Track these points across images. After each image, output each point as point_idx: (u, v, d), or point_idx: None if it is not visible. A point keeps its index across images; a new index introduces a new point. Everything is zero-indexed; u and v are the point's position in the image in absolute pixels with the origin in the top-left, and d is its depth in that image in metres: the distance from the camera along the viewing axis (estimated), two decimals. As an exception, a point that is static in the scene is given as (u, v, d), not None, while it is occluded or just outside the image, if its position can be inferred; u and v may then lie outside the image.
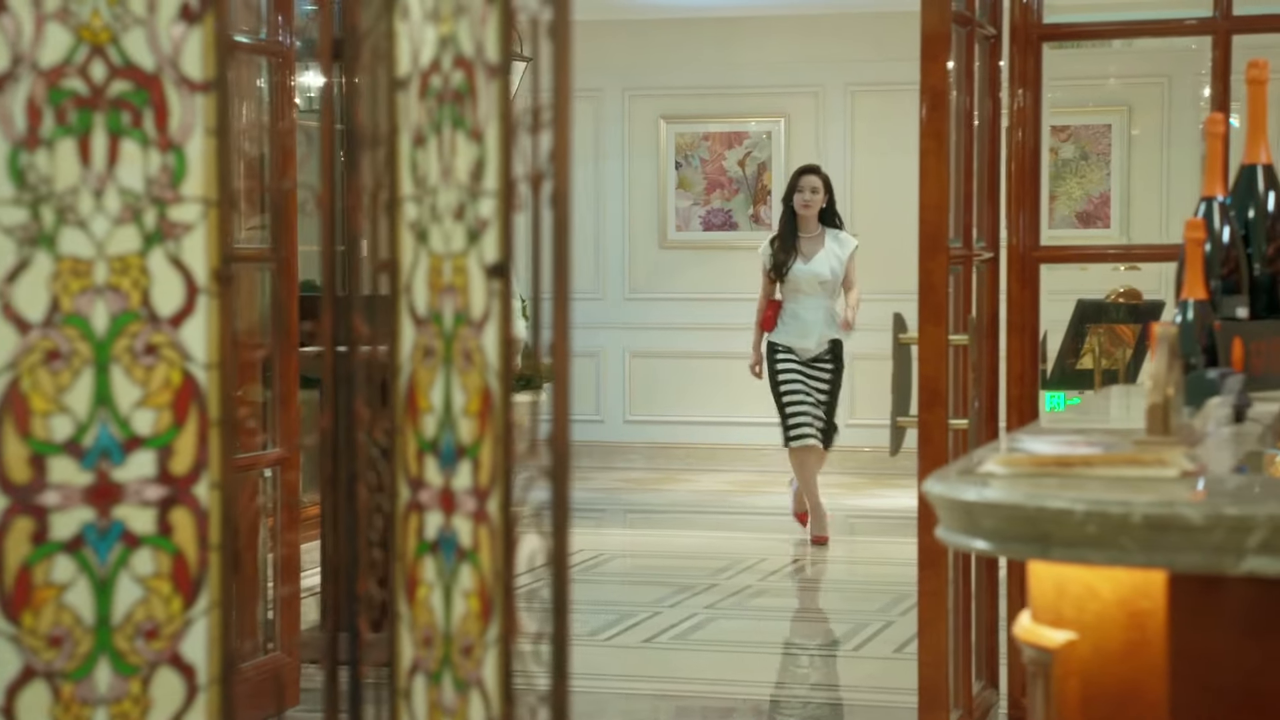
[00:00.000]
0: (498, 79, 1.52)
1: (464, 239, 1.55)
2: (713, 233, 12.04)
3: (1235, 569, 1.85)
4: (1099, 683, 2.00)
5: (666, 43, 11.86)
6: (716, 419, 11.95)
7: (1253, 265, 3.25)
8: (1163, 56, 10.82)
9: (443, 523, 1.57)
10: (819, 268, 8.48)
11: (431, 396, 1.58)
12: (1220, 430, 2.56)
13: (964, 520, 2.01)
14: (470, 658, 1.56)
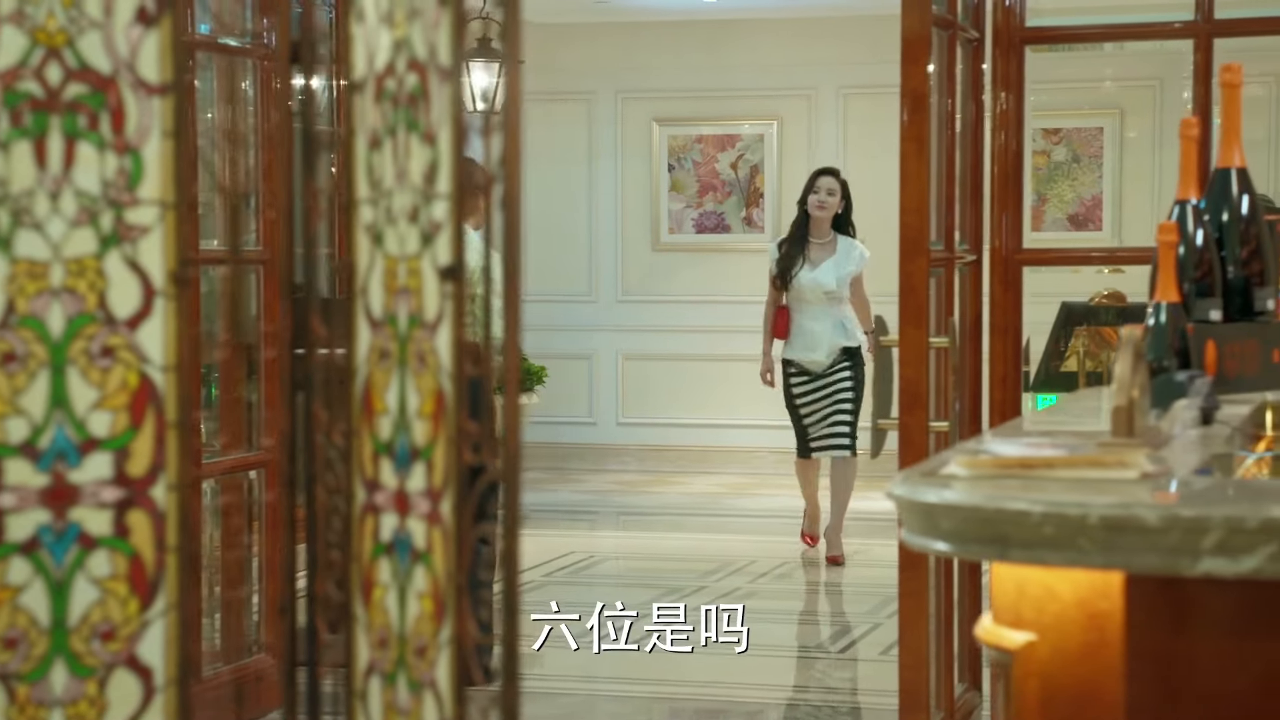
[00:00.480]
0: (450, 82, 1.53)
1: (418, 241, 1.56)
2: (705, 235, 12.05)
3: (1191, 570, 1.86)
4: (1058, 683, 2.01)
5: (659, 45, 11.87)
6: (709, 421, 11.96)
7: (1226, 268, 3.26)
8: (1155, 59, 10.83)
9: (398, 524, 1.58)
10: (825, 277, 8.07)
11: (387, 398, 1.59)
12: (1187, 432, 2.56)
13: (925, 522, 2.02)
14: (424, 659, 1.57)
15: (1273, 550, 1.83)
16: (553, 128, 12.02)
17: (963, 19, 4.67)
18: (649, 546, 8.91)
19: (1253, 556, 1.83)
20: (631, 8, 11.35)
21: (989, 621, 2.12)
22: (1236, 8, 4.94)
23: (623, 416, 12.17)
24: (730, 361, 11.67)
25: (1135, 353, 2.37)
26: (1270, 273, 3.26)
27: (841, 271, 8.08)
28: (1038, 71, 11.05)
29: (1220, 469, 2.50)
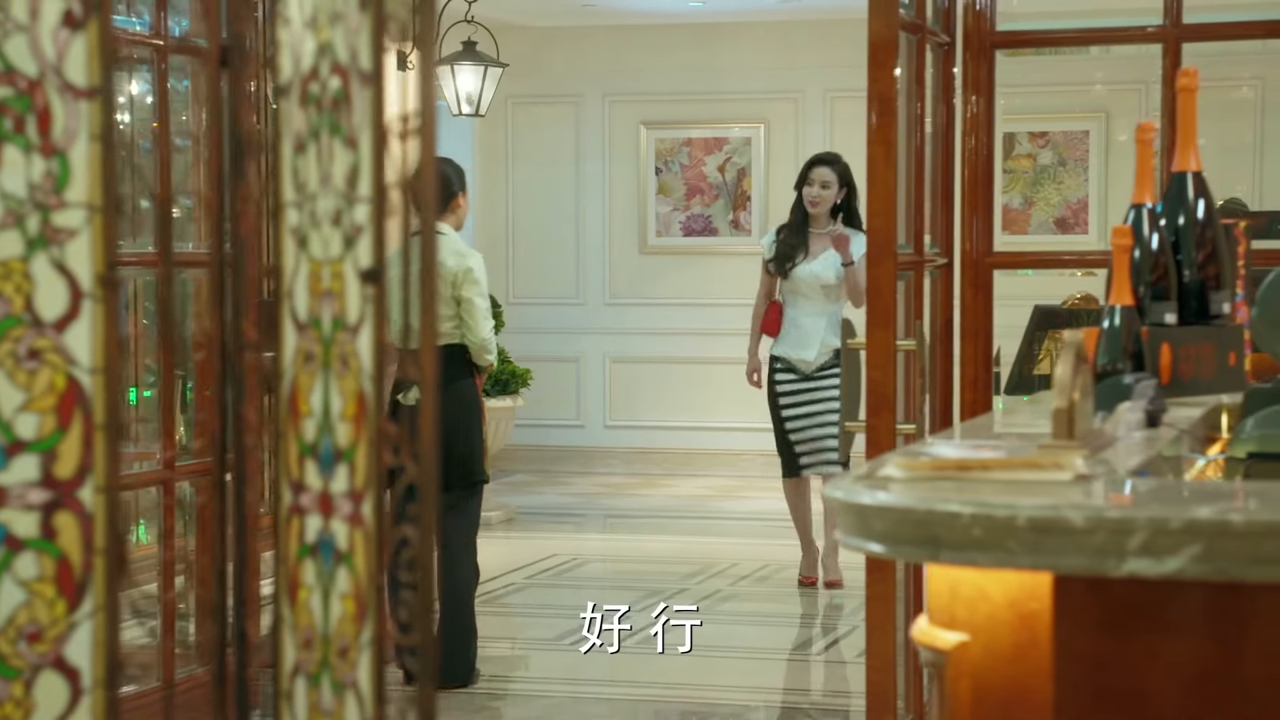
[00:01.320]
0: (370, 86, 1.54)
1: (340, 245, 1.57)
2: (693, 238, 12.06)
3: (1116, 571, 1.87)
4: (989, 684, 2.02)
5: (647, 48, 11.89)
6: (696, 424, 11.97)
7: (1182, 272, 3.27)
8: (1140, 63, 10.85)
9: (322, 526, 1.60)
10: (823, 269, 7.45)
11: (312, 401, 1.60)
12: (1131, 434, 2.58)
13: (859, 523, 2.03)
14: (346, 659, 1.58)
15: (1196, 551, 1.84)
16: (540, 130, 12.04)
17: (933, 23, 4.68)
18: (633, 549, 8.92)
19: (1176, 557, 1.85)
20: (619, 10, 11.37)
21: (925, 623, 2.14)
22: (1209, 11, 4.96)
23: (610, 419, 12.18)
24: (718, 364, 11.69)
25: (1076, 356, 2.38)
26: (1226, 276, 3.27)
27: (833, 266, 7.46)
28: (1023, 75, 11.10)
29: (1164, 471, 2.51)
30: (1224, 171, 10.72)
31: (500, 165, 12.06)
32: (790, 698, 5.91)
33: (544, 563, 8.24)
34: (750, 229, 11.93)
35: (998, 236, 4.94)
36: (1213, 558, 1.84)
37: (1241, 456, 2.91)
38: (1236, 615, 1.89)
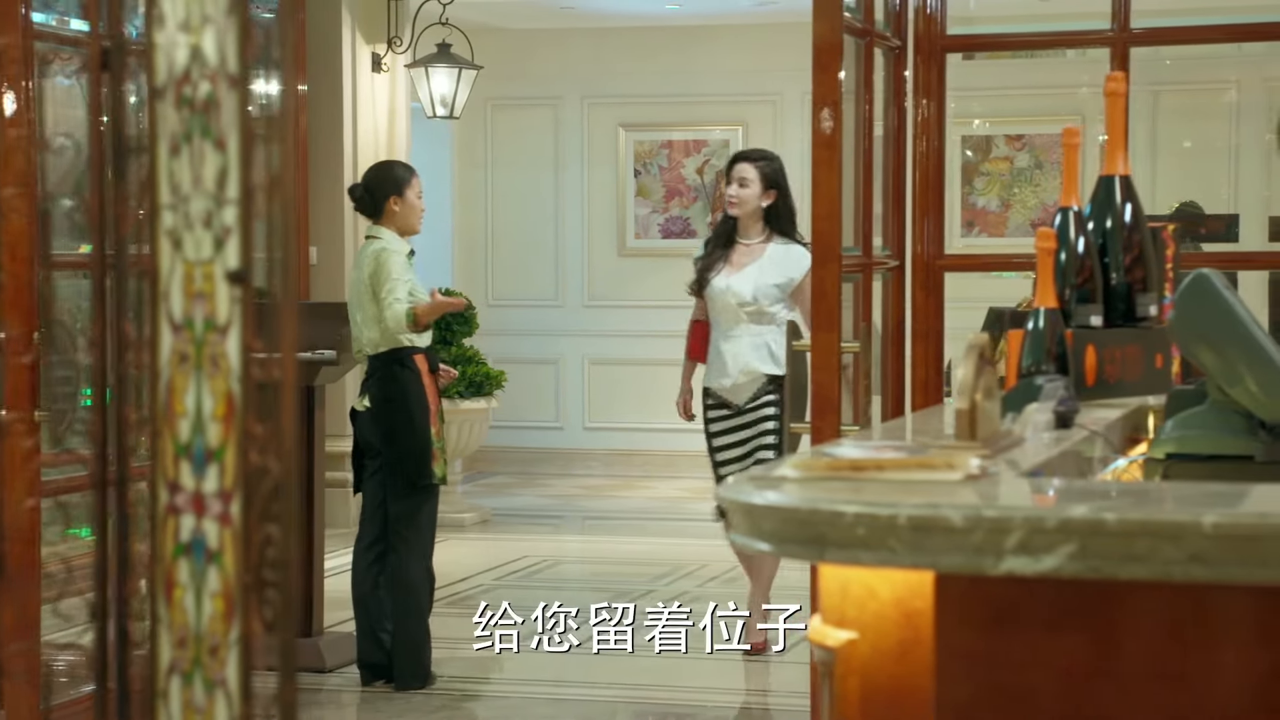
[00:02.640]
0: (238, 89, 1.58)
1: (211, 246, 1.60)
2: (671, 240, 12.10)
3: (995, 569, 1.90)
4: (876, 682, 2.05)
5: (625, 51, 11.92)
6: (675, 426, 11.98)
7: (1110, 274, 3.31)
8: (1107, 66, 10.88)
9: (195, 525, 1.62)
10: (740, 285, 6.31)
11: (186, 401, 1.63)
12: (1040, 436, 2.61)
13: (748, 523, 2.06)
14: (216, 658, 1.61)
15: (1071, 550, 1.87)
16: (519, 133, 12.07)
17: (884, 26, 4.72)
18: (606, 551, 8.96)
19: (1052, 556, 1.88)
20: (597, 13, 11.40)
21: (817, 622, 2.17)
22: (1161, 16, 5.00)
23: (589, 421, 12.22)
24: (696, 366, 11.70)
25: (980, 356, 2.41)
26: (1153, 279, 3.30)
27: (764, 281, 6.31)
28: (1001, 78, 11.14)
29: (1069, 472, 2.54)
30: (1200, 175, 10.77)
31: (479, 168, 12.10)
32: (750, 699, 5.94)
33: (515, 564, 8.27)
34: (729, 231, 11.96)
35: (954, 239, 4.99)
36: (1087, 556, 1.87)
37: (1160, 457, 2.95)
38: (1111, 612, 1.92)
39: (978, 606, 1.96)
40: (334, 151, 9.08)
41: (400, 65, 9.52)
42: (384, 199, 5.88)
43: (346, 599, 7.34)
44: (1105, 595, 1.91)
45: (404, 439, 5.77)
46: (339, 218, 9.10)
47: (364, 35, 9.27)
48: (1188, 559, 1.84)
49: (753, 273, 6.33)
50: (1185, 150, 11.11)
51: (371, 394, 5.75)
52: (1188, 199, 8.66)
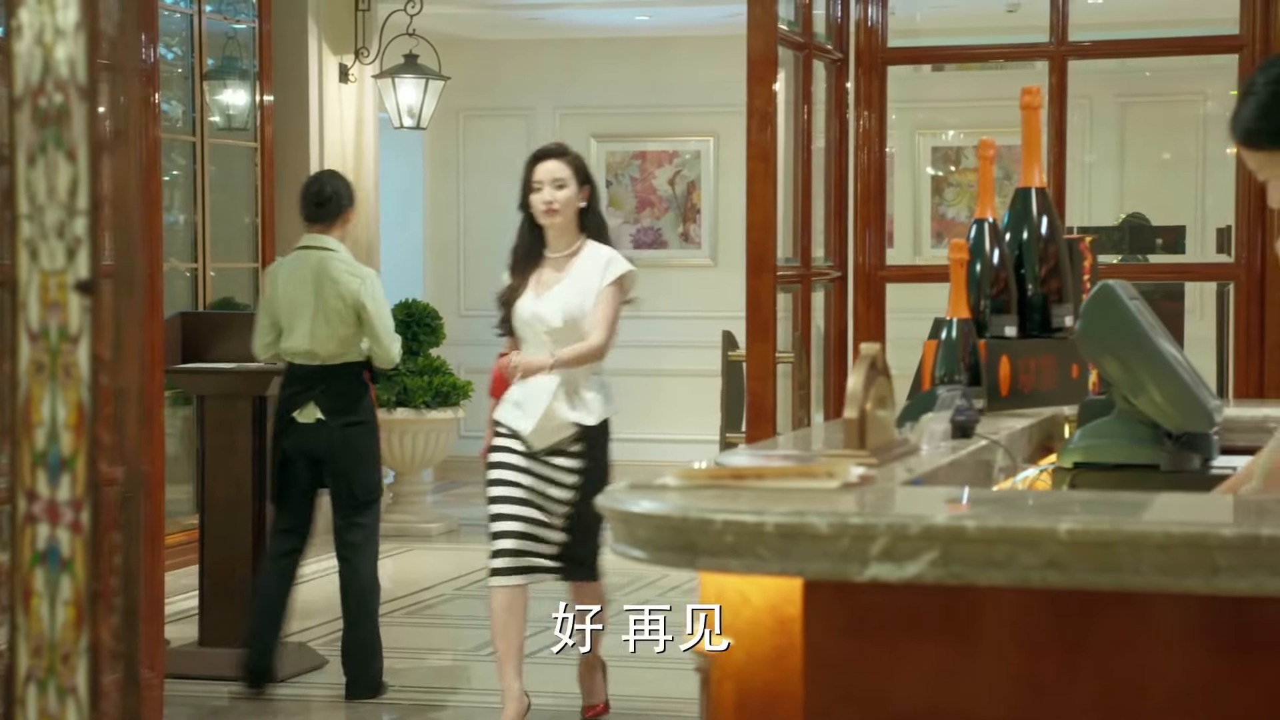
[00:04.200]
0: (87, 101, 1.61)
1: (64, 256, 1.63)
2: (643, 251, 12.12)
3: (860, 576, 1.93)
4: (750, 688, 2.07)
5: (597, 61, 11.95)
6: (645, 436, 12.02)
7: (1025, 286, 3.34)
8: (1086, 78, 10.93)
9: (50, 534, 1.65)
10: (548, 309, 5.13)
11: (42, 410, 1.65)
12: (938, 445, 2.63)
13: (625, 530, 2.09)
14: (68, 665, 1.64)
15: (934, 556, 1.90)
16: (491, 143, 12.09)
17: (825, 39, 4.75)
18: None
19: (915, 562, 1.91)
20: (568, 24, 11.44)
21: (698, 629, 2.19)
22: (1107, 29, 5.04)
23: (560, 431, 12.21)
24: (667, 377, 11.75)
25: (871, 365, 2.44)
26: (1068, 290, 3.34)
27: (575, 300, 5.16)
28: (970, 89, 11.17)
29: (966, 481, 2.57)
30: (1166, 185, 10.81)
31: (451, 178, 12.11)
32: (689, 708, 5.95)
33: (480, 574, 8.28)
34: (700, 242, 12.01)
35: (925, 249, 5.02)
36: (949, 562, 1.90)
37: (1069, 466, 2.98)
38: (972, 618, 1.95)
39: (845, 612, 1.99)
40: (300, 162, 9.10)
41: (368, 76, 9.55)
42: (347, 206, 5.90)
43: (303, 608, 7.36)
44: (965, 601, 1.94)
45: (367, 453, 5.82)
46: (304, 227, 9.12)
47: (331, 46, 9.30)
48: (1045, 565, 1.86)
49: (562, 292, 5.14)
50: (1152, 161, 11.16)
51: (325, 407, 5.74)
52: (1135, 210, 8.71)
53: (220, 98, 8.83)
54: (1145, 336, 2.84)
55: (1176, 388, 2.83)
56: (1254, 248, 4.54)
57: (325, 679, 6.19)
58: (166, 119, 8.50)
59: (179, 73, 8.61)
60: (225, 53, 8.87)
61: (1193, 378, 2.92)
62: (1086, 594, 1.89)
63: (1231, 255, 4.73)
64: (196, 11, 8.46)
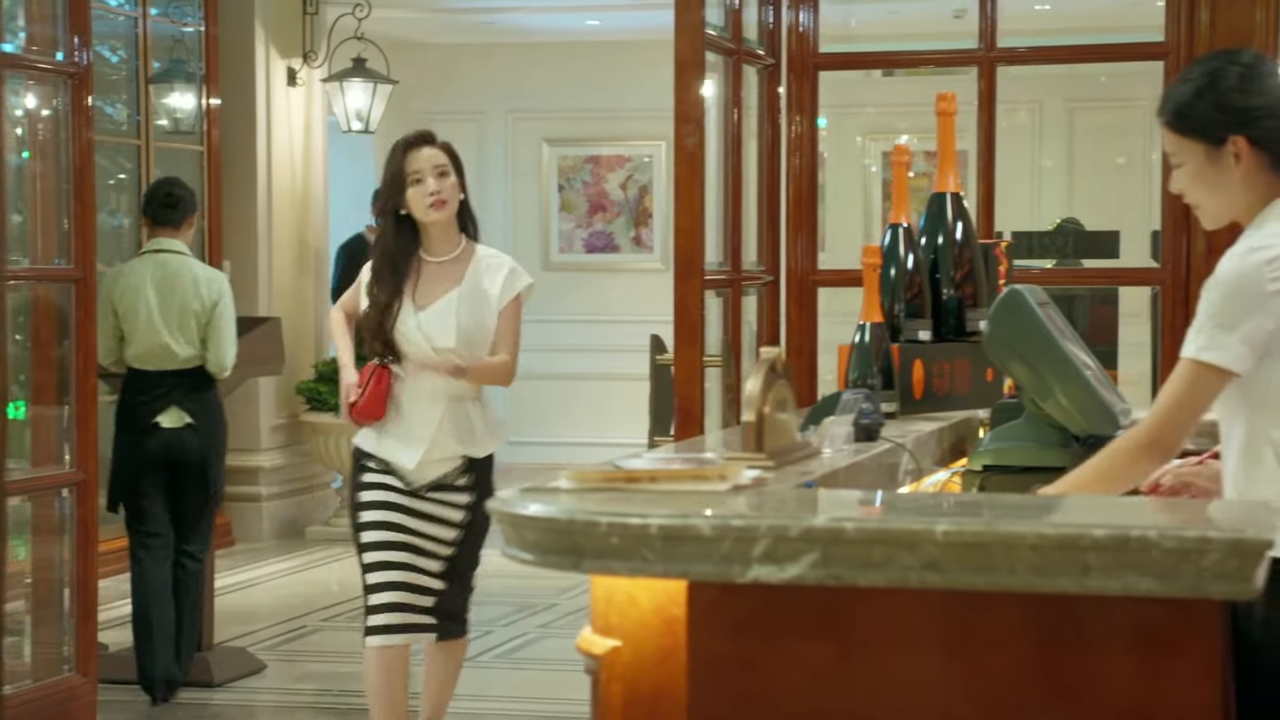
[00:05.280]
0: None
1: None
2: (595, 255, 12.13)
3: (742, 577, 1.95)
4: (637, 687, 2.09)
5: (550, 66, 11.96)
6: (597, 440, 12.03)
7: (940, 290, 3.36)
8: (1035, 83, 10.98)
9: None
10: (437, 325, 4.39)
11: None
12: (841, 448, 2.65)
13: (514, 533, 2.10)
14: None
15: (814, 558, 1.92)
16: (441, 148, 12.07)
17: (757, 44, 4.77)
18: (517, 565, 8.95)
19: (796, 564, 1.93)
20: (521, 28, 11.43)
21: (587, 630, 2.20)
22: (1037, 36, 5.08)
23: (513, 436, 12.21)
24: (619, 381, 11.76)
25: (768, 370, 2.46)
26: (983, 294, 3.37)
27: (475, 313, 4.45)
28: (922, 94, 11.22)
29: (866, 484, 2.59)
30: (1112, 190, 10.88)
31: (403, 182, 12.10)
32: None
33: (424, 577, 8.27)
34: (652, 246, 12.02)
35: (848, 253, 5.03)
36: (829, 564, 1.92)
37: (978, 469, 3.01)
38: (851, 618, 1.96)
39: (728, 613, 2.00)
40: (247, 166, 9.07)
41: (316, 79, 9.52)
42: (192, 210, 5.87)
43: (244, 613, 7.35)
44: (845, 601, 1.96)
45: (223, 453, 5.85)
46: (252, 231, 9.10)
47: (278, 49, 9.28)
48: (923, 566, 1.89)
49: (454, 305, 4.40)
50: (1100, 166, 11.23)
51: (191, 410, 5.73)
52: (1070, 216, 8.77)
53: (167, 101, 8.80)
54: (1051, 341, 2.87)
55: (1081, 391, 2.86)
56: (1179, 252, 4.57)
57: (265, 683, 6.18)
58: (111, 122, 8.46)
59: (124, 76, 8.57)
60: (172, 56, 8.83)
61: (1100, 381, 2.95)
62: (962, 594, 1.91)
63: (1159, 260, 4.77)
64: (141, 15, 8.42)
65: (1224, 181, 2.41)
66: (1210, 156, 2.42)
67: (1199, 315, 2.35)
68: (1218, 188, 2.43)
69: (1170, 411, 2.33)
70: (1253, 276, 2.31)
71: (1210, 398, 2.33)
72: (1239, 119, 2.39)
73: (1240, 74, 2.40)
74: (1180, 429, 2.33)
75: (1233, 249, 2.40)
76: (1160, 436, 2.35)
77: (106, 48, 8.53)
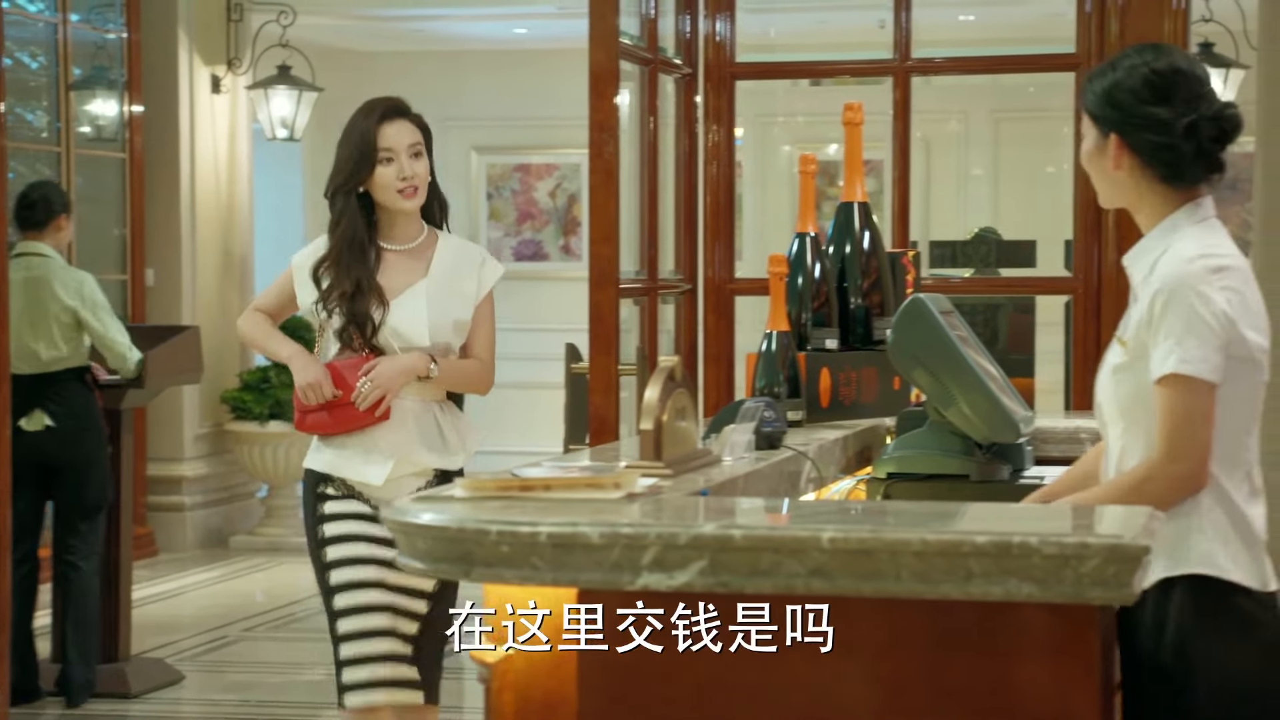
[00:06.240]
0: None
1: None
2: (524, 263, 12.13)
3: (631, 585, 1.96)
4: (529, 695, 2.09)
5: (477, 74, 11.95)
6: (526, 450, 12.00)
7: (848, 299, 3.38)
8: (959, 93, 11.07)
9: None
10: (409, 321, 3.79)
11: None
12: (742, 456, 2.66)
13: (406, 542, 2.10)
14: None
15: (703, 565, 1.93)
16: (369, 156, 12.04)
17: (674, 54, 4.78)
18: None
19: (685, 571, 1.94)
20: (449, 36, 11.42)
21: (482, 637, 2.20)
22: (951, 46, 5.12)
23: (442, 444, 12.18)
24: (549, 389, 11.74)
25: (666, 378, 2.47)
26: (890, 303, 3.39)
27: (446, 310, 3.85)
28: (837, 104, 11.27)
29: (766, 492, 2.61)
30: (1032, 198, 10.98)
31: (330, 190, 12.05)
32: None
33: (348, 587, 8.22)
34: (581, 254, 12.02)
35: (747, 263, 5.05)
36: (717, 571, 1.93)
37: (882, 477, 3.03)
38: (740, 625, 1.97)
39: (617, 621, 2.00)
40: (170, 173, 9.01)
41: (241, 87, 9.47)
42: (59, 213, 5.83)
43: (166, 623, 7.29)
44: (733, 608, 1.97)
45: (99, 457, 5.78)
46: (175, 239, 9.03)
47: (202, 56, 9.22)
48: (809, 573, 1.90)
49: (424, 299, 3.82)
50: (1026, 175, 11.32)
51: (54, 413, 5.69)
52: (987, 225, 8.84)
53: (89, 108, 8.73)
54: (953, 349, 2.89)
55: (983, 400, 2.89)
56: (1091, 261, 4.62)
57: (185, 694, 6.14)
58: (30, 128, 8.39)
59: (44, 82, 8.50)
60: (94, 62, 8.77)
61: (1002, 389, 2.98)
62: (850, 600, 1.92)
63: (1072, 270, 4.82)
64: (61, 21, 8.35)
65: (1106, 173, 2.44)
66: (1098, 144, 2.44)
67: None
68: (1101, 175, 2.46)
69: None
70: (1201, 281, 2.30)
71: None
72: (1123, 120, 2.39)
73: (1147, 79, 2.39)
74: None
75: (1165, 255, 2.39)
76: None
77: (26, 54, 8.45)
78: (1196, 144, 2.37)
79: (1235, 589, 2.26)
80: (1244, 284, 2.35)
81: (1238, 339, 2.29)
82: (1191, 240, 2.37)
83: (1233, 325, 2.28)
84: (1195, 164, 2.39)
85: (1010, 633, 1.88)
